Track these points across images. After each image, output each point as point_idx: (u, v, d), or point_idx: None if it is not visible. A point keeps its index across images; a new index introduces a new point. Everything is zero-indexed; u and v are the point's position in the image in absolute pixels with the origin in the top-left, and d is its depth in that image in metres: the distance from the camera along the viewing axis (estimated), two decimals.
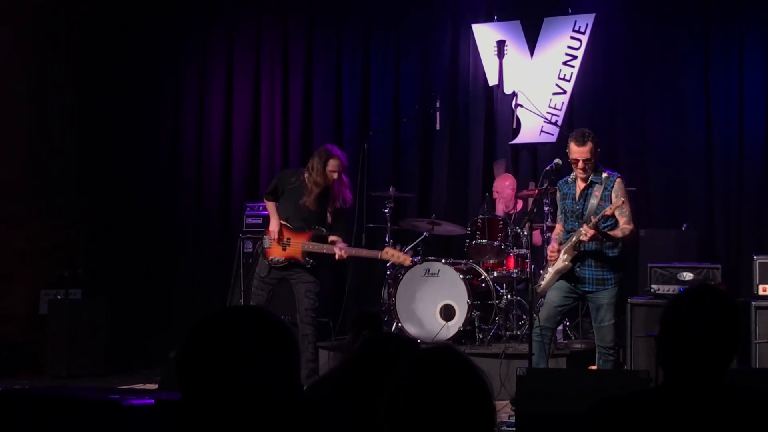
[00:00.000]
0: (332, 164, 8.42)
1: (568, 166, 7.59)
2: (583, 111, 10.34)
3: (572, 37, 10.33)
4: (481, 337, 9.24)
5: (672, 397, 2.78)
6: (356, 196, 10.12)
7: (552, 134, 10.28)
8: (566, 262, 7.34)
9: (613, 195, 7.26)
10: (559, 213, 7.67)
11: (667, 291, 8.27)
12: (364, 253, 8.92)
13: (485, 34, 10.67)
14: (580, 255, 7.31)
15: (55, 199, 11.07)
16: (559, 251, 7.42)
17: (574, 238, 7.27)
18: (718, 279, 8.32)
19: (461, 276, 9.18)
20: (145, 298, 11.38)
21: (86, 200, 11.43)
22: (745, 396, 2.78)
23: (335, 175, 8.44)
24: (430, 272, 9.31)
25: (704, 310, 2.82)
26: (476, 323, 9.23)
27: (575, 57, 10.31)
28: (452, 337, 9.03)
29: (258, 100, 11.53)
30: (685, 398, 2.76)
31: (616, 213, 7.25)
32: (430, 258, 9.44)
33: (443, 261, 9.33)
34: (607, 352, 7.40)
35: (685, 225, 9.41)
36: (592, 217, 7.23)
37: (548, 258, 7.62)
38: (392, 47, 11.11)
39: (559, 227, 7.65)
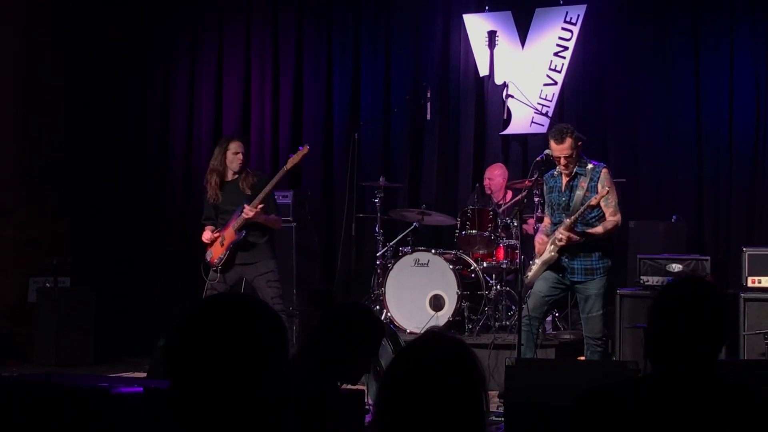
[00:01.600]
0: (234, 146, 8.41)
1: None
2: (574, 102, 10.34)
3: (563, 28, 10.32)
4: (470, 327, 9.25)
5: (660, 388, 2.78)
6: (346, 186, 10.14)
7: (542, 125, 10.28)
8: (552, 253, 7.33)
9: (600, 186, 7.25)
10: (546, 205, 7.68)
11: (656, 282, 8.29)
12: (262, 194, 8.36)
13: (476, 25, 10.66)
14: (567, 246, 7.31)
15: (44, 187, 11.05)
16: (546, 243, 7.42)
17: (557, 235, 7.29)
18: (707, 270, 8.34)
19: (451, 266, 9.19)
20: (134, 286, 11.37)
21: (75, 189, 11.41)
22: (734, 387, 2.78)
23: (240, 157, 8.38)
24: (420, 262, 9.32)
25: (692, 301, 2.83)
26: (465, 314, 9.25)
27: (566, 48, 10.31)
28: (441, 327, 9.04)
29: (248, 91, 11.50)
30: (673, 389, 2.76)
31: (602, 204, 7.25)
32: (420, 248, 9.45)
33: (433, 251, 9.34)
34: (595, 343, 7.41)
35: (674, 216, 9.43)
36: (568, 219, 7.21)
37: (536, 250, 7.63)
38: (383, 37, 11.09)
39: (547, 220, 7.66)
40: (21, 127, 10.94)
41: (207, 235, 8.54)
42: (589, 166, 7.34)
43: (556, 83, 10.35)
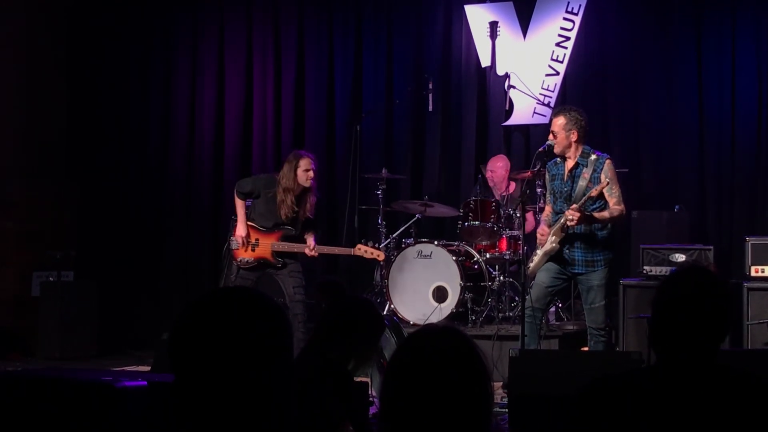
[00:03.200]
0: (303, 164, 8.45)
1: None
2: (576, 92, 10.32)
3: (565, 18, 10.31)
4: (473, 318, 9.25)
5: (664, 378, 2.78)
6: (348, 177, 10.14)
7: (545, 116, 10.25)
8: (554, 244, 7.31)
9: (602, 177, 7.23)
10: (548, 194, 7.65)
11: (660, 272, 8.28)
12: (336, 250, 9.03)
13: (478, 15, 10.65)
14: (568, 237, 7.28)
15: (47, 181, 11.05)
16: (547, 233, 7.41)
17: (561, 220, 7.26)
18: (710, 260, 8.34)
19: (454, 258, 9.18)
20: (138, 280, 11.37)
21: (78, 182, 11.40)
22: (737, 377, 2.78)
23: (310, 174, 8.46)
24: (423, 254, 9.32)
25: (694, 290, 2.83)
26: (469, 305, 9.25)
27: (568, 38, 10.30)
28: (445, 318, 9.04)
29: (250, 83, 11.49)
30: (676, 379, 2.76)
31: (606, 194, 7.22)
32: (423, 240, 9.45)
33: (436, 243, 9.33)
34: (598, 333, 7.40)
35: (677, 206, 9.42)
36: (575, 204, 7.20)
37: (538, 241, 7.62)
38: (384, 28, 11.08)
39: (548, 209, 7.63)
40: (23, 121, 10.93)
41: (241, 233, 8.55)
42: (592, 156, 7.32)
43: (558, 73, 10.34)
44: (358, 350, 4.04)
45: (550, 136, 7.34)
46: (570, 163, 7.36)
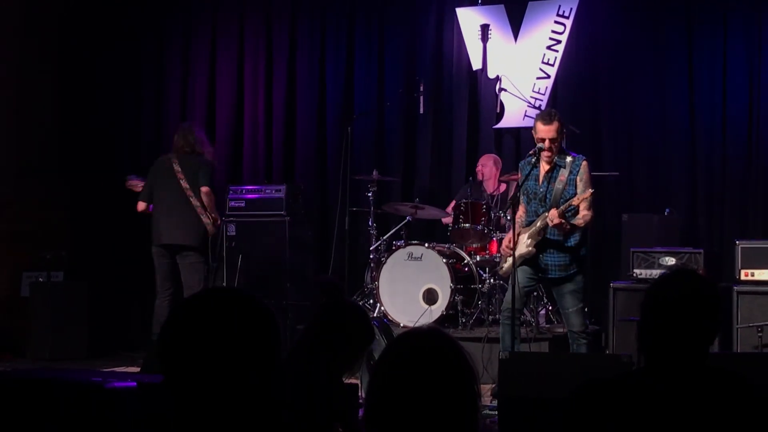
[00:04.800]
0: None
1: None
2: (567, 95, 10.35)
3: (556, 22, 10.32)
4: (463, 321, 9.25)
5: (653, 380, 2.79)
6: (339, 179, 10.14)
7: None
8: (530, 248, 7.29)
9: (578, 180, 7.22)
10: (520, 194, 7.46)
11: (650, 276, 8.30)
12: None
13: (469, 18, 10.66)
14: (542, 242, 7.29)
15: (37, 180, 11.01)
16: (517, 241, 7.32)
17: (539, 223, 7.24)
18: (700, 264, 8.35)
19: (444, 260, 9.19)
20: (128, 280, 11.34)
21: (68, 182, 11.38)
22: (727, 379, 2.79)
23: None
24: (413, 256, 9.31)
25: (683, 294, 2.84)
26: (459, 307, 9.25)
27: (559, 41, 10.31)
28: (435, 321, 9.04)
29: (241, 84, 11.49)
30: (666, 382, 2.77)
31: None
32: (414, 242, 9.45)
33: (426, 245, 9.34)
34: (579, 336, 7.41)
35: (667, 210, 9.44)
36: (554, 209, 7.18)
37: (503, 250, 7.56)
38: (376, 31, 11.09)
39: (521, 210, 7.55)
40: (14, 120, 10.90)
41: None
42: (569, 158, 7.30)
43: (549, 77, 10.35)
44: (346, 355, 4.05)
45: (547, 143, 7.26)
46: (546, 167, 7.35)
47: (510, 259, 7.41)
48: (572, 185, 7.22)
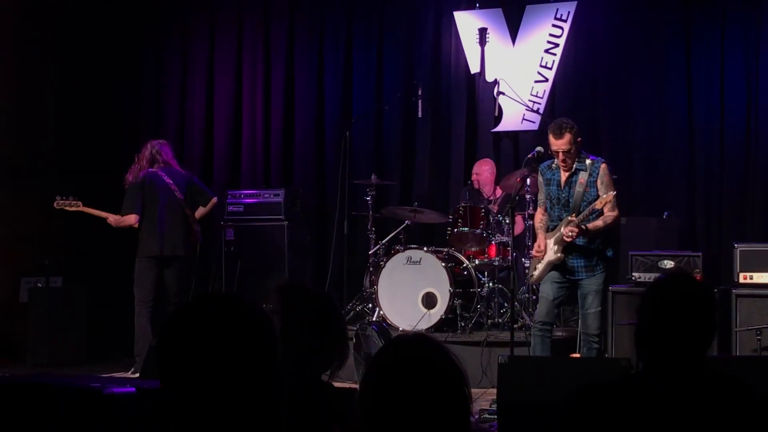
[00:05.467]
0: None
1: (549, 154, 7.57)
2: (565, 99, 10.35)
3: (554, 25, 10.33)
4: (462, 325, 9.24)
5: (651, 384, 2.79)
6: (338, 183, 10.14)
7: (534, 122, 10.29)
8: (558, 254, 7.34)
9: (599, 182, 7.25)
10: (543, 198, 7.59)
11: (648, 279, 8.29)
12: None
13: (467, 22, 10.67)
14: (568, 246, 7.31)
15: (36, 185, 11.01)
16: (546, 245, 7.40)
17: (563, 228, 7.26)
18: (699, 267, 8.35)
19: (443, 264, 9.18)
20: (127, 285, 11.30)
21: (67, 187, 11.35)
22: (725, 382, 2.79)
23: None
24: (412, 260, 9.31)
25: (678, 297, 2.85)
26: (458, 311, 9.24)
27: (557, 45, 10.32)
28: (434, 325, 9.04)
29: (240, 88, 11.49)
30: (663, 385, 2.77)
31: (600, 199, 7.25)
32: (412, 246, 9.45)
33: (425, 249, 9.33)
34: (592, 340, 7.42)
35: (666, 213, 9.44)
36: (572, 216, 7.20)
37: (534, 255, 7.60)
38: (374, 34, 11.09)
39: (541, 214, 7.61)
40: (12, 124, 10.89)
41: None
42: (588, 161, 7.33)
43: (546, 80, 10.36)
44: (326, 346, 3.96)
45: (561, 155, 7.28)
46: (566, 172, 7.36)
47: (540, 266, 7.49)
48: (593, 187, 7.26)
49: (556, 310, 7.69)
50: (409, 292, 9.26)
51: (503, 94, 10.14)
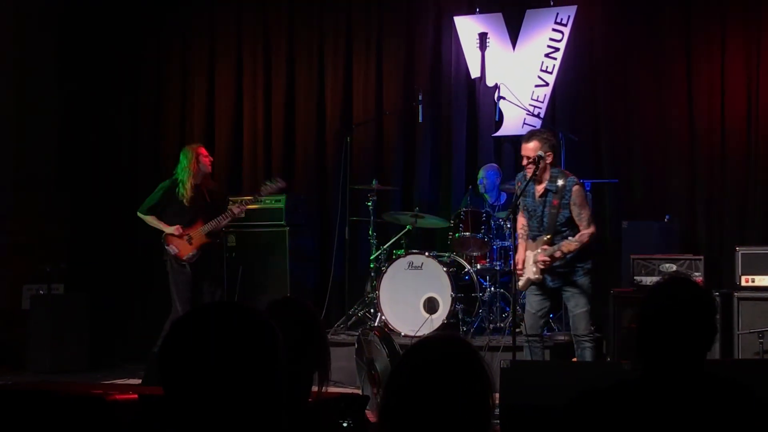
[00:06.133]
0: (202, 151, 9.45)
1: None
2: (566, 103, 10.35)
3: (554, 29, 10.33)
4: (464, 329, 9.24)
5: (651, 388, 2.79)
6: (339, 189, 10.14)
7: (534, 126, 10.27)
8: (537, 275, 7.43)
9: (572, 204, 7.31)
10: (521, 206, 7.62)
11: (650, 282, 8.29)
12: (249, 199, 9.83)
13: (467, 27, 10.67)
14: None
15: (37, 193, 11.03)
16: (525, 258, 7.49)
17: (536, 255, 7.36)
18: (700, 270, 8.35)
19: (445, 269, 9.18)
20: (129, 292, 11.35)
21: (68, 194, 11.39)
22: (726, 386, 2.79)
23: (208, 161, 9.47)
24: (414, 265, 9.31)
25: (678, 301, 2.85)
26: (460, 316, 9.24)
27: (557, 49, 10.32)
28: (436, 330, 9.03)
29: (240, 94, 11.49)
30: (664, 389, 2.77)
31: (575, 219, 7.33)
32: (414, 251, 9.44)
33: (426, 254, 9.33)
34: (582, 340, 7.47)
35: (667, 216, 9.43)
36: (547, 237, 7.29)
37: (514, 268, 7.64)
38: (374, 40, 11.09)
39: (521, 219, 7.65)
40: (14, 133, 10.92)
41: (172, 230, 9.49)
42: (560, 182, 7.35)
43: (547, 84, 10.36)
44: (306, 349, 3.87)
45: (523, 160, 7.40)
46: (540, 188, 7.43)
47: (523, 279, 7.56)
48: (566, 209, 7.34)
49: (542, 321, 7.71)
50: (411, 297, 9.26)
51: (504, 98, 10.13)
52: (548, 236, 7.29)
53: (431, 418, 2.18)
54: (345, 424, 4.95)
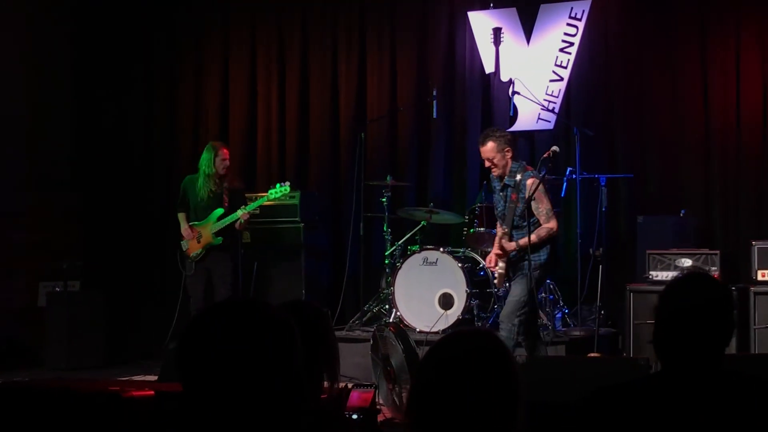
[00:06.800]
0: (224, 152, 9.50)
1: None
2: (580, 98, 10.32)
3: (568, 24, 10.30)
4: (479, 325, 9.23)
5: (668, 384, 2.78)
6: (353, 185, 10.15)
7: (549, 121, 10.27)
8: (502, 271, 7.63)
9: (531, 200, 7.37)
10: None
11: (666, 277, 8.28)
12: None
13: (481, 22, 10.65)
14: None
15: (53, 191, 11.07)
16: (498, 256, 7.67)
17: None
18: (716, 265, 8.33)
19: (459, 264, 9.17)
20: (144, 289, 11.38)
21: (84, 192, 11.42)
22: (744, 381, 2.78)
23: (227, 161, 9.50)
24: (429, 261, 9.30)
25: (696, 296, 2.84)
26: (475, 312, 9.23)
27: (572, 44, 10.29)
28: (451, 325, 9.03)
29: (254, 91, 11.51)
30: (682, 385, 2.76)
31: (534, 212, 7.42)
32: (429, 247, 9.44)
33: (441, 250, 9.32)
34: (501, 326, 7.55)
35: (683, 211, 9.41)
36: (504, 229, 7.50)
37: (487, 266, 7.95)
38: (388, 35, 11.09)
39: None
40: (30, 132, 10.96)
41: (187, 232, 9.73)
42: (518, 177, 7.46)
43: (562, 79, 10.33)
44: (318, 352, 3.89)
45: (486, 163, 7.56)
46: (500, 181, 7.55)
47: (498, 276, 7.85)
48: (522, 202, 7.44)
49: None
50: (426, 293, 9.25)
51: (518, 93, 10.11)
52: (505, 229, 7.45)
53: (460, 414, 2.17)
54: (354, 417, 4.95)
